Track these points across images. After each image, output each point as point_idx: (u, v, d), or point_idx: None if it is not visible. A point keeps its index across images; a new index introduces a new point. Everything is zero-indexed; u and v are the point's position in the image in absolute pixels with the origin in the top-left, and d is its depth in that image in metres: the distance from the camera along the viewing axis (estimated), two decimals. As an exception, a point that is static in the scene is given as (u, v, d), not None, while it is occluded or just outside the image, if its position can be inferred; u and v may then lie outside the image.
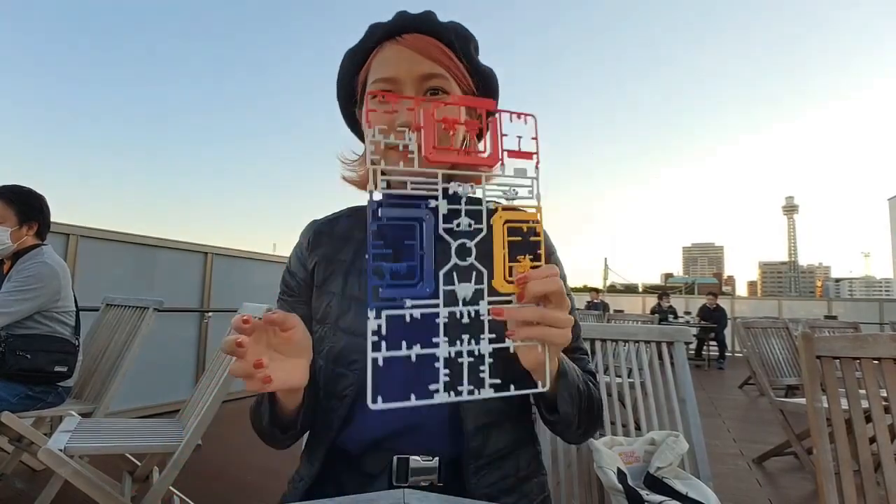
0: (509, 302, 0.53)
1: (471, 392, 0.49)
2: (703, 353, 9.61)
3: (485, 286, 0.51)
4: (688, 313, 11.51)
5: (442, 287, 0.50)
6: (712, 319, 9.71)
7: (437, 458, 0.70)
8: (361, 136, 0.86)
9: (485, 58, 0.83)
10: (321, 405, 0.75)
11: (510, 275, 0.53)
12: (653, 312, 9.51)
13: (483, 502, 0.50)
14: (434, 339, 0.49)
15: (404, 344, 0.47)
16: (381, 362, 0.46)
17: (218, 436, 2.39)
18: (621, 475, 0.99)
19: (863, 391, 1.03)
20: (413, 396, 0.47)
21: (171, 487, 1.82)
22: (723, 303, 10.97)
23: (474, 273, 0.51)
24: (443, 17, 0.80)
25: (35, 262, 2.12)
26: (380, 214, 0.48)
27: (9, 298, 2.03)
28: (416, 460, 0.70)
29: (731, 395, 6.28)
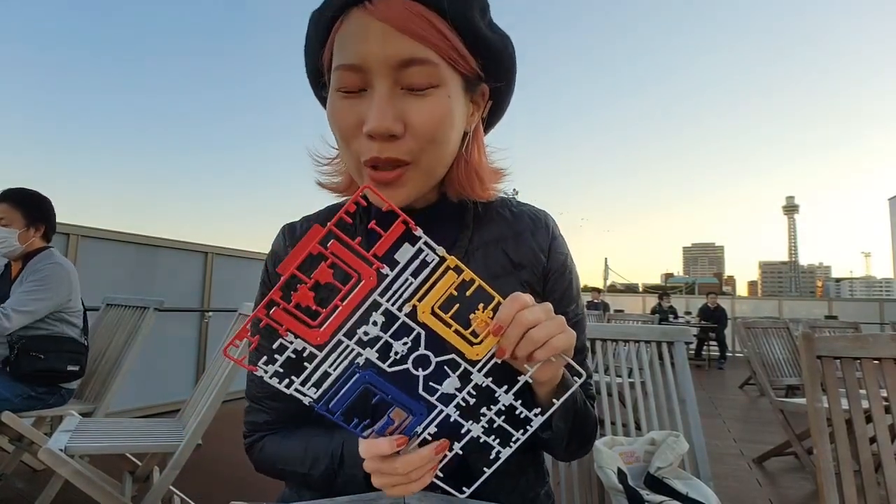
0: (491, 358, 0.51)
1: (525, 432, 0.52)
2: (704, 353, 9.61)
3: (463, 365, 0.50)
4: (688, 313, 11.51)
5: (432, 399, 0.50)
6: (713, 319, 9.71)
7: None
8: None
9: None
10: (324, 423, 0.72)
11: (476, 336, 0.50)
12: (653, 312, 9.51)
13: (483, 502, 0.50)
14: (462, 431, 0.51)
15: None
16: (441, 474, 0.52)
17: (218, 436, 2.39)
18: (621, 475, 0.99)
19: (863, 391, 1.03)
20: (484, 468, 0.52)
21: (171, 487, 1.82)
22: (723, 303, 10.97)
23: (444, 366, 0.50)
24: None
25: (48, 263, 2.14)
26: (332, 409, 0.48)
27: (26, 298, 2.05)
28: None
29: (731, 395, 6.28)
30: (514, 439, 0.52)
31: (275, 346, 0.44)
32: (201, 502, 2.14)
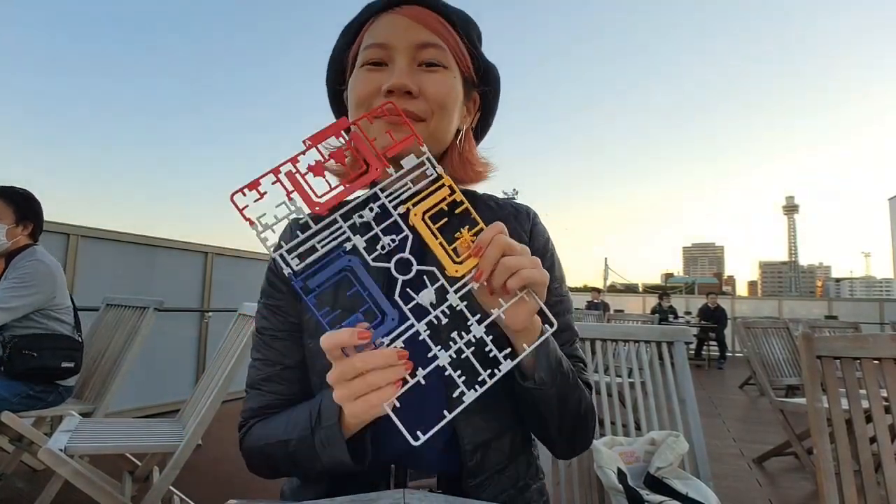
0: (467, 284, 0.52)
1: (492, 375, 0.50)
2: (703, 353, 9.61)
3: (441, 280, 0.51)
4: (688, 313, 11.51)
5: (406, 308, 0.50)
6: (712, 319, 9.71)
7: (435, 477, 0.69)
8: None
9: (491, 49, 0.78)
10: None
11: (458, 256, 0.52)
12: (653, 312, 9.51)
13: (484, 502, 0.50)
14: (429, 355, 0.49)
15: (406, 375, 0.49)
16: (397, 404, 0.48)
17: (218, 435, 2.40)
18: (621, 475, 0.99)
19: (863, 391, 1.03)
20: (445, 412, 0.49)
21: (171, 487, 1.82)
22: (723, 303, 10.97)
23: (425, 277, 0.51)
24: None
25: (30, 260, 2.15)
26: (308, 286, 0.48)
27: (7, 295, 2.05)
28: (413, 473, 0.69)
29: (731, 395, 6.28)
30: (479, 379, 0.50)
31: (277, 206, 0.47)
32: (201, 503, 2.14)
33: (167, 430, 1.96)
